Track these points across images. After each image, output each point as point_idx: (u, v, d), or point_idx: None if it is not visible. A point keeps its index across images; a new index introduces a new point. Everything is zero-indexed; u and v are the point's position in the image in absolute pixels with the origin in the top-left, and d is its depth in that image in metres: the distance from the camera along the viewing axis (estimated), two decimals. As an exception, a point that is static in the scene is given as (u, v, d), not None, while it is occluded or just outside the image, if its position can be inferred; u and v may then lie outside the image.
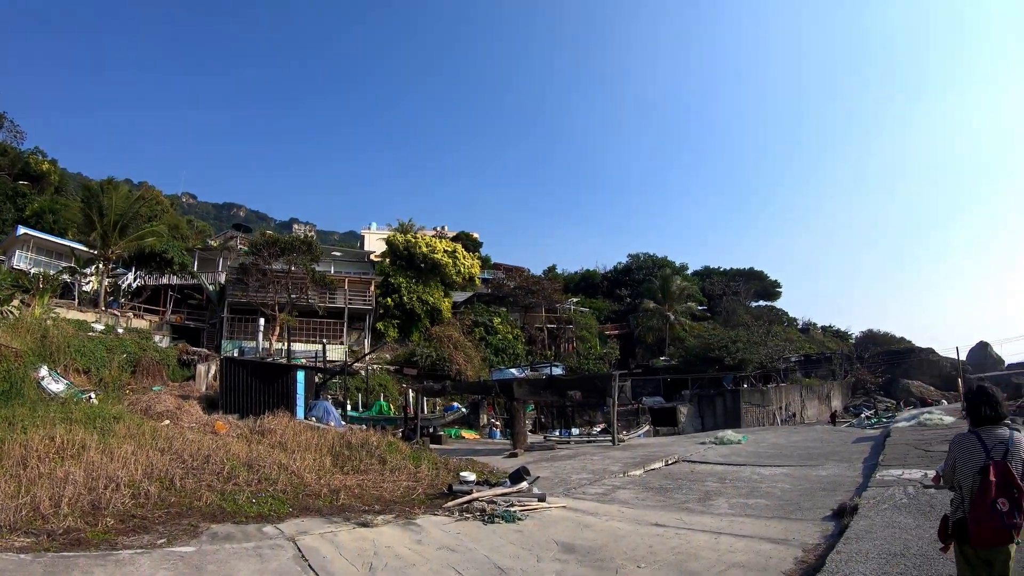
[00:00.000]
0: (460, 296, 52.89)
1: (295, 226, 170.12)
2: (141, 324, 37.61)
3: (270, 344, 38.94)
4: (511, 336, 49.92)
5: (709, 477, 15.43)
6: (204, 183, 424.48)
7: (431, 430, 30.02)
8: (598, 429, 34.63)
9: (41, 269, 35.99)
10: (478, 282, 54.72)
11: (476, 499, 11.37)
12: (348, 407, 31.91)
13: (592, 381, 32.81)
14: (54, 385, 19.07)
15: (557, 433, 33.49)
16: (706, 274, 78.14)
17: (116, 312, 36.48)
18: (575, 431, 33.98)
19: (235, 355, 35.30)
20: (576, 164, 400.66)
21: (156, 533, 8.16)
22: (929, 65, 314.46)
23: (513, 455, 22.30)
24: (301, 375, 24.64)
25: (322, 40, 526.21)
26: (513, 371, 41.63)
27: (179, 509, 9.40)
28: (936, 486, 7.88)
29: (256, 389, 22.90)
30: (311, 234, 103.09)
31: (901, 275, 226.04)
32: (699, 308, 65.24)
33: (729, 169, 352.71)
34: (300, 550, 7.90)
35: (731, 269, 79.67)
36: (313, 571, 7.19)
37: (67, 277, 36.48)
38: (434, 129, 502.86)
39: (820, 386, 50.26)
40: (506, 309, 52.99)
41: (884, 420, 32.33)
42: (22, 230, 40.08)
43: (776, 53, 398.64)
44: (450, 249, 50.07)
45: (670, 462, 18.50)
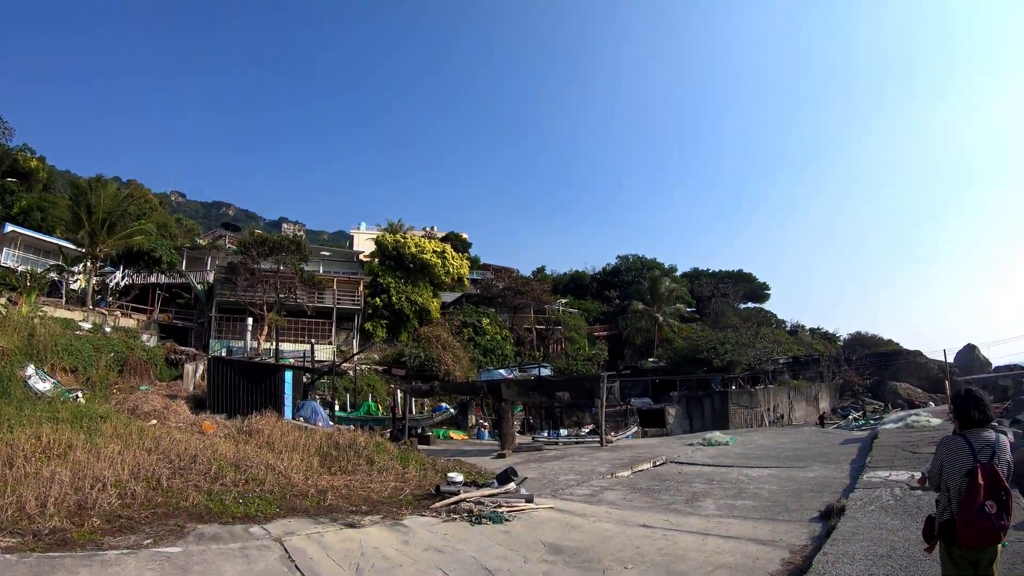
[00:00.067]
0: (449, 296, 52.84)
1: (284, 225, 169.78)
2: (129, 323, 37.34)
3: (258, 344, 38.80)
4: (500, 337, 49.90)
5: (697, 478, 15.46)
6: (193, 182, 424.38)
7: (419, 431, 29.98)
8: (586, 430, 34.63)
9: (29, 267, 35.73)
10: (467, 283, 54.71)
11: (464, 500, 11.37)
12: (336, 407, 31.85)
13: (580, 382, 32.85)
14: (41, 384, 18.97)
15: (545, 434, 33.43)
16: (695, 276, 78.37)
17: (104, 311, 36.19)
18: (563, 432, 33.94)
19: (223, 355, 35.16)
20: (566, 165, 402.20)
21: (142, 533, 8.13)
22: (919, 69, 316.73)
23: (501, 456, 22.29)
24: (289, 375, 24.55)
25: (315, 44, 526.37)
26: (501, 372, 41.65)
27: (166, 509, 9.36)
28: (922, 487, 7.94)
29: (244, 389, 22.80)
30: (300, 234, 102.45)
31: (889, 278, 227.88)
32: (688, 310, 65.42)
33: (719, 171, 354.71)
34: (287, 551, 7.88)
35: (720, 271, 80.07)
36: (300, 572, 7.18)
37: (55, 275, 36.21)
38: (425, 131, 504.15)
39: (808, 388, 50.47)
40: (495, 310, 52.96)
41: (872, 422, 32.55)
42: (9, 227, 39.68)
43: (767, 55, 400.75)
44: (439, 249, 49.98)
45: (658, 463, 18.50)
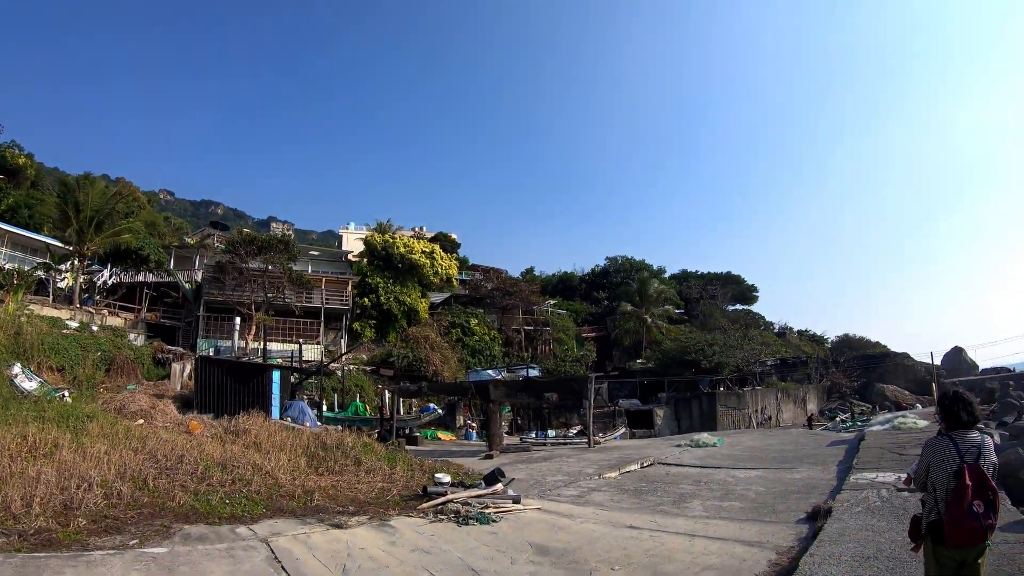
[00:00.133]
0: (437, 297, 52.73)
1: (273, 225, 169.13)
2: (116, 322, 37.06)
3: (246, 343, 38.61)
4: (488, 337, 49.82)
5: (684, 480, 15.52)
6: (182, 180, 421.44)
7: (407, 431, 29.90)
8: (574, 431, 34.67)
9: (15, 265, 35.47)
10: (456, 283, 54.56)
11: (451, 501, 11.38)
12: (324, 407, 31.72)
13: (568, 383, 32.86)
14: (27, 383, 18.80)
15: (533, 435, 33.39)
16: (683, 278, 78.62)
17: (91, 309, 35.90)
18: (551, 433, 33.90)
19: (211, 354, 34.94)
20: (558, 167, 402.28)
21: (128, 534, 8.10)
22: (913, 75, 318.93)
23: (489, 457, 22.30)
24: (277, 375, 24.44)
25: (307, 47, 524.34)
26: (490, 373, 41.59)
27: (152, 509, 9.33)
28: (908, 488, 8.01)
29: (231, 389, 22.68)
30: (289, 233, 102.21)
31: (877, 281, 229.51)
32: (676, 311, 65.55)
33: (710, 174, 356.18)
34: (273, 551, 7.88)
35: (708, 273, 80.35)
36: (286, 572, 7.18)
37: (42, 273, 35.95)
38: (418, 132, 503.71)
39: (796, 390, 50.59)
40: (483, 310, 52.89)
41: (859, 424, 32.71)
42: (-4, 224, 39.43)
43: (763, 59, 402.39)
44: (428, 250, 49.84)
45: (645, 464, 18.55)
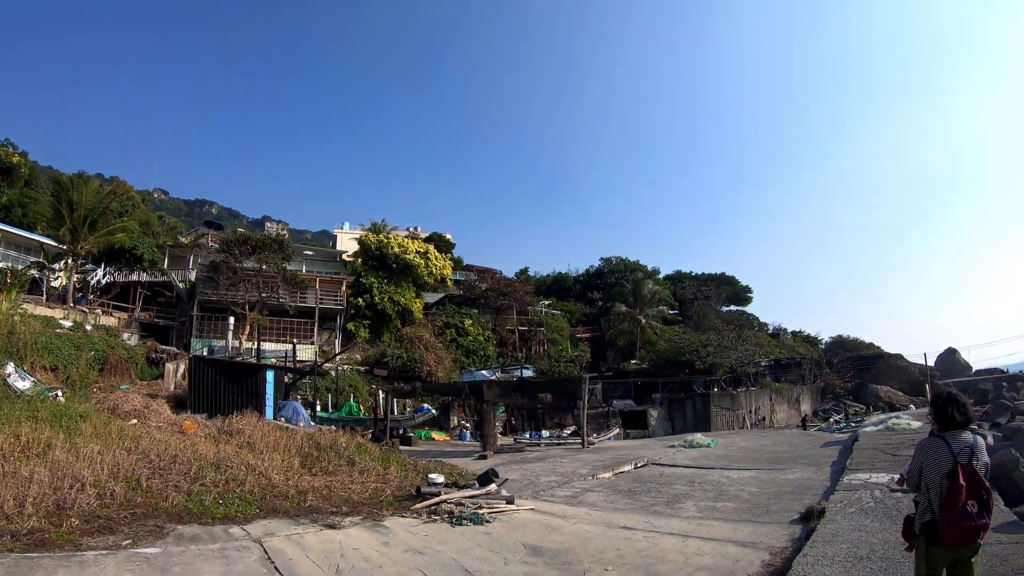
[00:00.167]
0: (432, 297, 52.60)
1: (267, 224, 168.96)
2: (110, 321, 36.93)
3: (240, 343, 38.52)
4: (482, 338, 49.78)
5: (678, 480, 15.55)
6: (176, 179, 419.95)
7: (401, 431, 29.85)
8: (568, 432, 34.63)
9: (9, 263, 35.37)
10: (450, 283, 54.47)
11: (444, 501, 11.39)
12: (318, 408, 31.72)
13: (563, 384, 32.90)
14: (20, 382, 18.72)
15: (527, 435, 33.34)
16: (678, 278, 78.47)
17: (84, 309, 35.79)
18: (545, 433, 33.87)
19: (204, 354, 34.86)
20: (552, 168, 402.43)
21: (121, 534, 8.09)
22: (908, 75, 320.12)
23: (483, 457, 22.28)
24: (271, 375, 24.44)
25: (303, 47, 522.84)
26: (484, 373, 41.62)
27: (145, 510, 9.32)
28: (901, 488, 8.04)
29: (225, 389, 22.67)
30: (283, 233, 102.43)
31: (872, 282, 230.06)
32: (670, 312, 65.48)
33: (705, 175, 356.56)
34: (266, 552, 7.87)
35: (703, 274, 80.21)
36: (279, 573, 7.17)
37: (35, 272, 35.86)
38: (413, 132, 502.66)
39: (790, 390, 50.76)
40: (478, 311, 52.88)
41: (853, 424, 32.88)
42: (-10, 223, 39.29)
43: (758, 60, 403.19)
44: (422, 250, 49.76)
45: (639, 465, 18.57)
